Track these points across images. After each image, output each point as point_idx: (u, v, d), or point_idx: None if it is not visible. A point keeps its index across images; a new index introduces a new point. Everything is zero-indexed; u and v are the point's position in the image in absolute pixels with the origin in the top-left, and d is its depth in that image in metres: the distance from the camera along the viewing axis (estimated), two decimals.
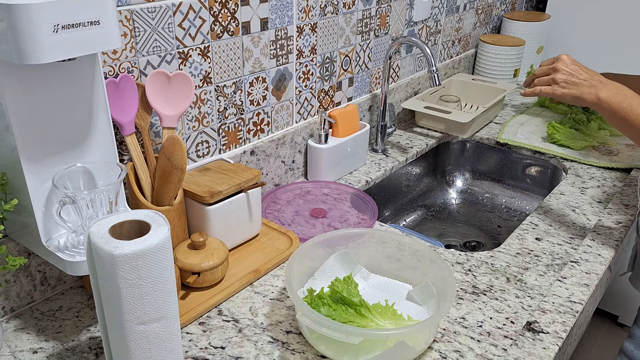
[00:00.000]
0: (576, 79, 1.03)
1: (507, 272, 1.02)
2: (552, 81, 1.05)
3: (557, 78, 1.04)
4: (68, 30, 0.66)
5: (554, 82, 1.05)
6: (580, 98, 1.02)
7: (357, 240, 0.98)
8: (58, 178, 0.77)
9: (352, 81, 1.42)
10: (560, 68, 1.05)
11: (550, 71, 1.07)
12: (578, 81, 1.03)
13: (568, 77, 1.04)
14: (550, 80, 1.06)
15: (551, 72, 1.06)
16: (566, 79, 1.04)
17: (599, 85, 1.01)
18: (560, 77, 1.04)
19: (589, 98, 1.01)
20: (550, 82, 1.06)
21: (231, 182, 0.99)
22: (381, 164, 1.43)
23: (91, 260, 0.65)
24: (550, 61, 1.09)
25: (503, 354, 0.83)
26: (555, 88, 1.04)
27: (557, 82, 1.04)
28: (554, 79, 1.05)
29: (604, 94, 0.99)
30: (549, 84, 1.06)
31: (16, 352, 0.82)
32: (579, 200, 1.26)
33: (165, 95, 0.93)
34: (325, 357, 0.82)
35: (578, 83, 1.02)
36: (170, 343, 0.69)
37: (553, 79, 1.05)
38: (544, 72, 1.08)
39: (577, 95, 1.02)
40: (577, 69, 1.04)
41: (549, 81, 1.06)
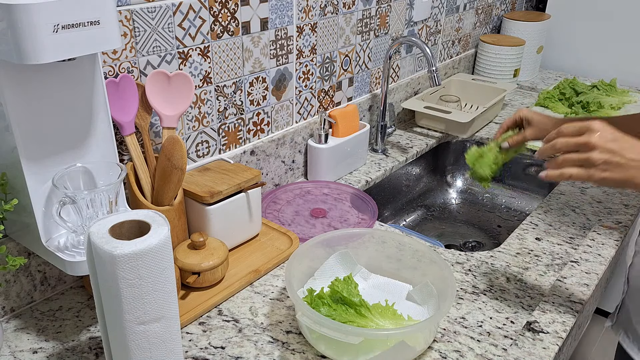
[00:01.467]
0: (621, 158, 0.75)
1: (507, 272, 1.02)
2: (587, 162, 0.76)
3: (595, 158, 0.75)
4: (68, 30, 0.66)
5: (590, 163, 0.76)
6: (629, 183, 0.76)
7: (357, 240, 0.98)
8: (58, 178, 0.77)
9: (352, 81, 1.42)
10: (598, 144, 0.76)
11: (582, 147, 0.77)
12: (624, 162, 0.75)
13: (610, 156, 0.75)
14: (583, 161, 0.77)
15: (583, 148, 0.77)
16: (607, 159, 0.75)
17: None
18: (598, 157, 0.75)
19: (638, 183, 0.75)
20: (583, 163, 0.77)
21: (231, 182, 0.99)
22: (381, 164, 1.43)
23: (91, 260, 0.65)
24: (577, 130, 0.79)
25: (503, 353, 0.83)
26: (594, 172, 0.76)
27: (595, 163, 0.76)
28: (590, 160, 0.76)
29: None
30: (582, 164, 0.77)
31: (16, 352, 0.82)
32: (579, 200, 1.26)
33: (165, 95, 0.93)
34: (325, 357, 0.82)
35: (624, 164, 0.75)
36: (171, 343, 0.69)
37: (588, 159, 0.76)
38: (571, 146, 0.78)
39: (625, 179, 0.75)
40: (620, 144, 0.76)
41: (582, 161, 0.77)
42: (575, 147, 0.78)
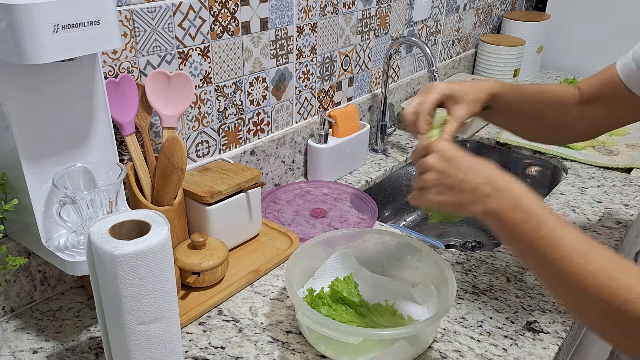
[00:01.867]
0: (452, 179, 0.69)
1: (507, 271, 1.02)
2: (423, 184, 0.72)
3: (427, 180, 0.71)
4: (68, 30, 0.66)
5: (424, 185, 0.72)
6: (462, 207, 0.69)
7: (357, 240, 0.98)
8: (58, 178, 0.77)
9: (352, 81, 1.42)
10: (430, 165, 0.71)
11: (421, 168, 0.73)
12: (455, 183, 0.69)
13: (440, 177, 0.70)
14: (421, 183, 0.72)
15: (422, 169, 0.73)
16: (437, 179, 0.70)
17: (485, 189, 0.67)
18: (429, 178, 0.71)
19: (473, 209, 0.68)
20: (422, 185, 0.72)
21: (231, 182, 0.99)
22: (381, 164, 1.43)
23: (91, 260, 0.65)
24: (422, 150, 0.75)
25: (503, 353, 0.83)
26: (427, 195, 0.71)
27: (427, 185, 0.71)
28: (424, 181, 0.72)
29: (494, 204, 0.66)
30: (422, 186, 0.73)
31: (16, 352, 0.82)
32: (579, 200, 1.26)
33: (165, 95, 0.93)
34: (325, 357, 0.82)
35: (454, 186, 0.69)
36: (171, 343, 0.69)
37: (423, 180, 0.72)
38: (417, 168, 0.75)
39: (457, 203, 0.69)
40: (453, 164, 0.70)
41: (420, 183, 0.73)
42: (418, 169, 0.74)
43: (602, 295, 0.58)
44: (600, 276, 0.59)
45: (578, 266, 0.60)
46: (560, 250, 0.61)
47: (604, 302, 0.58)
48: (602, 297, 0.58)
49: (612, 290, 0.58)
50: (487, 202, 0.66)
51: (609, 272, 0.59)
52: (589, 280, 0.59)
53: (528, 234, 0.63)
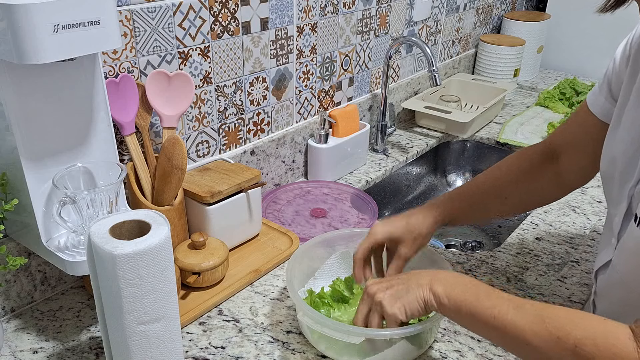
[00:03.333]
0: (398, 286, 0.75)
1: (507, 271, 1.02)
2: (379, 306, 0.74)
3: (380, 299, 0.74)
4: (68, 30, 0.66)
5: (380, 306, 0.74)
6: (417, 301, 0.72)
7: (357, 240, 0.98)
8: (58, 178, 0.77)
9: (352, 81, 1.42)
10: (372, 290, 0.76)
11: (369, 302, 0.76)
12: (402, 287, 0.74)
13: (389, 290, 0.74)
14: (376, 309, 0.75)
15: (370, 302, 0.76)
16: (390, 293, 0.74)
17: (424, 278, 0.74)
18: (381, 296, 0.74)
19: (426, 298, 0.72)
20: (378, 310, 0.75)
21: (231, 182, 0.99)
22: (381, 164, 1.43)
23: (91, 260, 0.65)
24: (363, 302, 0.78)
25: (503, 353, 0.83)
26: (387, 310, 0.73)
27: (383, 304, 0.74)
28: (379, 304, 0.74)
29: (438, 286, 0.72)
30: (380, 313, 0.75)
31: (16, 352, 0.82)
32: (579, 200, 1.26)
33: (165, 95, 0.93)
34: (325, 357, 0.82)
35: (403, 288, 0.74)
36: (171, 343, 0.69)
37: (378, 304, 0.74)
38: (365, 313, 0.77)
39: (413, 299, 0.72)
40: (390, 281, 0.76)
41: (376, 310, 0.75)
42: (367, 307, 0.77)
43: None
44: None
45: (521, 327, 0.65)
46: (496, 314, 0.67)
47: None
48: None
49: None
50: (432, 286, 0.72)
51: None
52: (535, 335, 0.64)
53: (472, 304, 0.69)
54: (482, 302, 0.69)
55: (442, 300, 0.71)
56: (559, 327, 0.62)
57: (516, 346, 0.66)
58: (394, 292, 0.74)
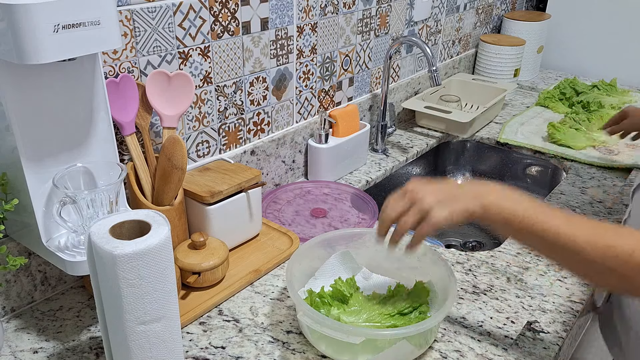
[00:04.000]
0: (448, 193, 0.75)
1: (507, 271, 1.02)
2: (422, 212, 0.75)
3: (428, 202, 0.74)
4: (68, 30, 0.66)
5: (425, 210, 0.75)
6: (465, 211, 0.74)
7: (357, 240, 0.98)
8: (58, 178, 0.77)
9: (352, 81, 1.42)
10: (420, 192, 0.76)
11: (410, 203, 0.76)
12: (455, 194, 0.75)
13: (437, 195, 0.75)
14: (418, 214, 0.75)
15: (412, 203, 0.76)
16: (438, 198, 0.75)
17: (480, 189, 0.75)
18: (429, 200, 0.74)
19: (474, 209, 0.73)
20: (420, 215, 0.75)
21: (231, 182, 0.99)
22: (381, 164, 1.43)
23: (91, 260, 0.65)
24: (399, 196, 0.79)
25: (503, 353, 0.83)
26: (434, 215, 0.74)
27: (430, 207, 0.74)
28: (423, 208, 0.75)
29: (492, 198, 0.73)
30: (419, 218, 0.75)
31: (17, 352, 0.82)
32: (579, 200, 1.26)
33: (165, 95, 0.93)
34: (325, 357, 0.82)
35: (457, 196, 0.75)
36: (171, 343, 0.69)
37: (422, 209, 0.75)
38: (402, 208, 0.77)
39: (462, 209, 0.74)
40: (438, 186, 0.77)
41: (417, 215, 0.75)
42: (406, 207, 0.76)
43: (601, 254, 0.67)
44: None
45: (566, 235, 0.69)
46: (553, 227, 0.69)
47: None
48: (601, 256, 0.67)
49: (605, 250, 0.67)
50: (484, 199, 0.73)
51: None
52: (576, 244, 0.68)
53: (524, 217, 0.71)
54: (533, 216, 0.70)
55: (492, 212, 0.73)
56: (611, 237, 0.67)
57: (566, 256, 0.70)
58: (443, 198, 0.75)
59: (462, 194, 0.75)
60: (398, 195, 0.78)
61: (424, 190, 0.76)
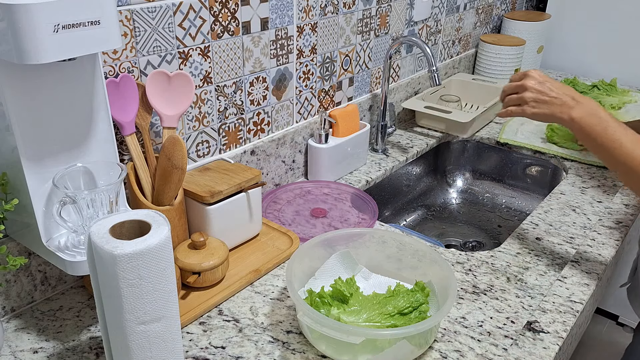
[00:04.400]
0: (546, 96, 0.94)
1: (507, 271, 1.02)
2: (521, 100, 0.96)
3: (526, 97, 0.95)
4: (68, 30, 0.66)
5: (523, 101, 0.96)
6: (552, 116, 0.94)
7: (357, 240, 0.98)
8: (58, 178, 0.77)
9: (352, 81, 1.42)
10: (529, 86, 0.96)
11: (519, 89, 0.97)
12: (548, 99, 0.94)
13: (537, 95, 0.95)
14: (519, 99, 0.97)
15: (519, 90, 0.97)
16: (535, 97, 0.95)
17: (571, 102, 0.93)
18: (528, 95, 0.95)
19: (561, 117, 0.93)
20: (519, 101, 0.97)
21: (231, 182, 0.99)
22: (381, 164, 1.43)
23: (92, 260, 0.65)
24: (518, 77, 0.99)
25: (503, 353, 0.83)
26: (525, 108, 0.96)
27: (527, 101, 0.95)
28: (523, 98, 0.96)
29: (577, 113, 0.91)
30: (519, 102, 0.97)
31: (17, 352, 0.82)
32: (579, 200, 1.26)
33: (165, 95, 0.93)
34: (325, 357, 0.82)
35: (548, 101, 0.94)
36: (171, 343, 0.69)
37: (522, 98, 0.96)
38: (513, 89, 0.99)
39: (549, 114, 0.94)
40: (547, 86, 0.95)
41: (518, 100, 0.97)
42: (515, 89, 0.98)
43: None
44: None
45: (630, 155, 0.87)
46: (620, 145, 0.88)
47: None
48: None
49: None
50: (572, 112, 0.92)
51: None
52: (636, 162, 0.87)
53: (599, 134, 0.90)
54: (609, 135, 0.89)
55: (575, 124, 0.92)
56: None
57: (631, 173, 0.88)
58: (539, 97, 0.94)
59: (555, 99, 0.93)
60: (519, 76, 0.99)
61: (533, 82, 0.96)
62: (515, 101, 0.97)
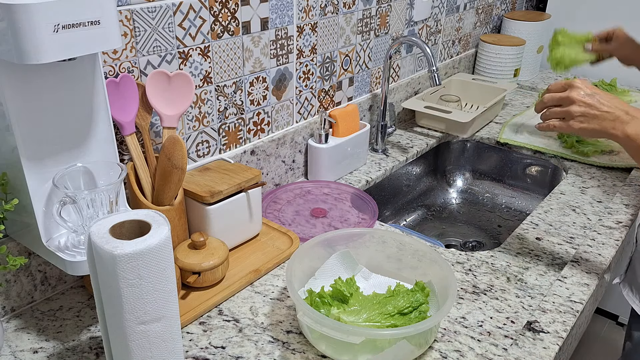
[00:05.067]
0: (596, 110, 0.85)
1: (507, 271, 1.02)
2: (567, 114, 0.87)
3: (573, 111, 0.86)
4: (68, 30, 0.66)
5: (570, 115, 0.87)
6: (603, 132, 0.86)
7: (357, 240, 0.98)
8: (58, 178, 0.77)
9: (352, 81, 1.42)
10: (576, 98, 0.86)
11: (563, 101, 0.88)
12: (599, 113, 0.85)
13: (586, 109, 0.85)
14: (564, 113, 0.88)
15: (564, 102, 0.88)
16: (584, 111, 0.85)
17: (625, 117, 0.84)
18: (576, 109, 0.86)
19: (613, 133, 0.85)
20: (564, 115, 0.88)
21: (231, 182, 0.99)
22: (381, 164, 1.43)
23: (92, 260, 0.65)
24: (561, 86, 0.90)
25: (503, 353, 0.83)
26: (572, 123, 0.87)
27: (573, 115, 0.86)
28: (569, 112, 0.87)
29: (633, 129, 0.83)
30: (563, 116, 0.88)
31: (17, 352, 0.82)
32: (579, 200, 1.26)
33: (165, 95, 0.93)
34: (325, 357, 0.82)
35: (599, 116, 0.85)
36: (171, 343, 0.69)
37: (568, 111, 0.87)
38: (556, 101, 0.89)
39: (599, 129, 0.85)
40: (597, 98, 0.86)
41: (563, 114, 0.88)
42: (559, 102, 0.89)
43: None
44: None
45: None
46: None
47: None
48: None
49: None
50: (626, 128, 0.84)
51: None
52: None
53: None
54: None
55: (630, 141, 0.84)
56: None
57: None
58: (588, 112, 0.85)
59: (607, 114, 0.85)
60: (562, 86, 0.89)
61: (581, 94, 0.87)
62: (559, 114, 0.88)
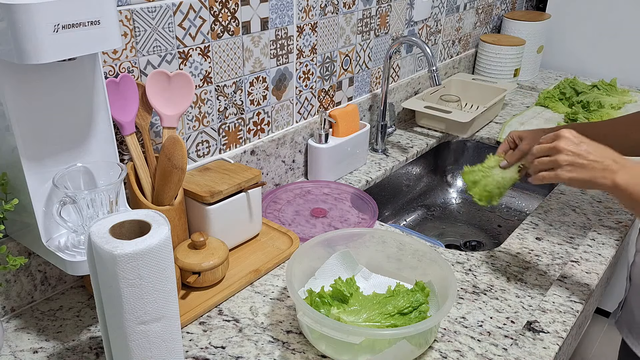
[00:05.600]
0: (584, 160, 0.84)
1: (507, 271, 1.02)
2: (555, 164, 0.86)
3: (561, 160, 0.85)
4: (68, 30, 0.66)
5: (557, 164, 0.86)
6: (592, 182, 0.84)
7: (357, 239, 0.98)
8: (58, 178, 0.77)
9: (352, 81, 1.42)
10: (563, 148, 0.85)
11: (551, 151, 0.87)
12: (587, 163, 0.84)
13: (574, 158, 0.84)
14: (552, 163, 0.86)
15: (552, 152, 0.87)
16: (572, 160, 0.84)
17: (614, 166, 0.83)
18: (563, 158, 0.85)
19: (603, 182, 0.83)
20: (552, 165, 0.87)
21: (231, 182, 0.99)
22: (381, 164, 1.43)
23: (92, 260, 0.65)
24: (550, 138, 0.89)
25: (503, 353, 0.83)
26: (560, 172, 0.85)
27: (561, 165, 0.85)
28: (557, 162, 0.85)
29: (622, 178, 0.82)
30: (552, 166, 0.87)
31: (17, 352, 0.82)
32: (579, 200, 1.26)
33: (165, 95, 0.93)
34: (325, 357, 0.82)
35: (587, 165, 0.84)
36: (171, 343, 0.69)
37: (555, 161, 0.86)
38: (544, 151, 0.88)
39: (588, 179, 0.84)
40: (584, 148, 0.85)
41: (551, 163, 0.87)
42: (547, 152, 0.87)
43: None
44: None
45: None
46: None
47: None
48: None
49: None
50: (615, 177, 0.82)
51: None
52: None
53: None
54: None
55: (620, 191, 0.82)
56: None
57: None
58: (576, 161, 0.84)
59: (595, 163, 0.83)
60: (550, 137, 0.88)
61: (567, 144, 0.85)
62: (547, 164, 0.87)
